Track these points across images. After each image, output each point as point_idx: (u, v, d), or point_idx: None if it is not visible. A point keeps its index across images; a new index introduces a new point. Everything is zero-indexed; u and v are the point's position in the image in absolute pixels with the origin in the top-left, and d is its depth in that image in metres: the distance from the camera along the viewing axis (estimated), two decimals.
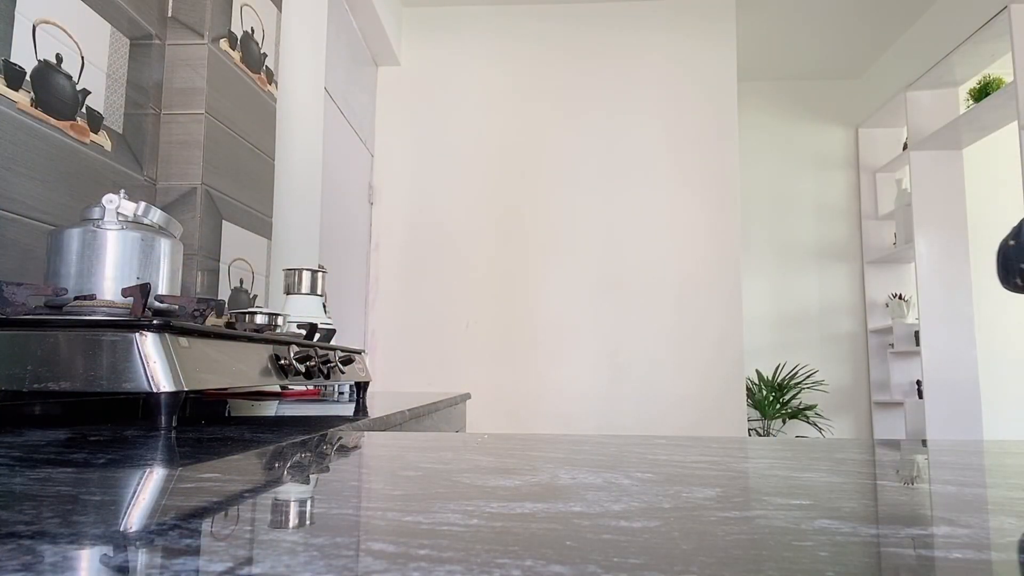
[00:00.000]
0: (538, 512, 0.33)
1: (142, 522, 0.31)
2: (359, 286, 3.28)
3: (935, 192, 3.84)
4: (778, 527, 0.31)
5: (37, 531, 0.28)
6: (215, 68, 1.49)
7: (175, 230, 0.98)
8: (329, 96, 2.59)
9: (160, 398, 0.70)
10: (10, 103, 1.01)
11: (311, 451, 0.59)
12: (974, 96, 3.57)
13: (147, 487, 0.41)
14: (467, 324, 3.39)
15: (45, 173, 1.08)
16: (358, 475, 0.50)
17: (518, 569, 0.24)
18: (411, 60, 3.56)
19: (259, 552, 0.26)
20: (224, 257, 1.56)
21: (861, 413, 4.46)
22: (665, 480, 0.45)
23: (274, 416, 1.04)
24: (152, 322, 0.71)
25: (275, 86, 1.84)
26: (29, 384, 0.69)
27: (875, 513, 0.34)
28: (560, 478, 0.44)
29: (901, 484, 0.44)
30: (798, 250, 4.57)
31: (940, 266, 3.80)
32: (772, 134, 4.62)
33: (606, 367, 3.31)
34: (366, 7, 2.94)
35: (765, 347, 4.49)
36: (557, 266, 3.31)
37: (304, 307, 1.52)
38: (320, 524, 0.31)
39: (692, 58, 3.41)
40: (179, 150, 1.43)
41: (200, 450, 0.57)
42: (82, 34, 1.18)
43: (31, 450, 0.54)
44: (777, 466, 0.52)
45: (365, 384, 1.41)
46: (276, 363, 0.97)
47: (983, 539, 0.29)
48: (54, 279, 0.86)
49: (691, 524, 0.31)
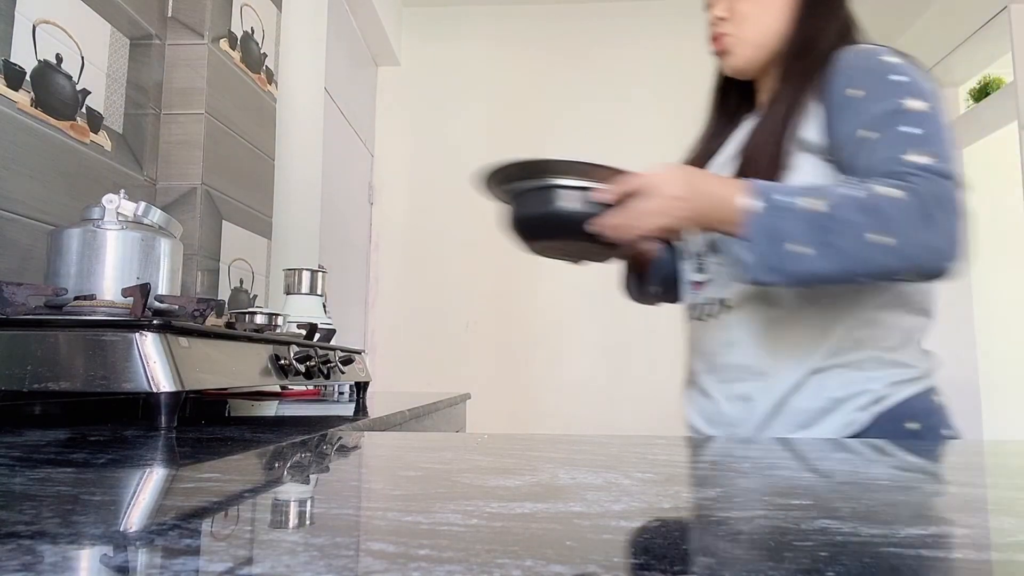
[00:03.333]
0: (538, 512, 0.33)
1: (142, 522, 0.31)
2: (359, 286, 3.28)
3: None
4: (778, 527, 0.31)
5: (37, 531, 0.28)
6: (215, 68, 1.49)
7: (175, 230, 0.98)
8: (329, 96, 2.59)
9: (160, 398, 0.70)
10: (10, 103, 1.01)
11: (311, 451, 0.59)
12: (974, 96, 3.56)
13: (147, 487, 0.41)
14: (467, 324, 3.38)
15: (45, 173, 1.08)
16: (358, 475, 0.50)
17: (518, 569, 0.24)
18: (411, 60, 3.56)
19: (259, 552, 0.26)
20: (224, 257, 1.56)
21: None
22: (665, 480, 0.45)
23: (274, 416, 1.04)
24: (152, 322, 0.71)
25: (275, 86, 1.84)
26: (29, 384, 0.69)
27: (875, 513, 0.34)
28: (560, 478, 0.44)
29: (901, 484, 0.44)
30: None
31: None
32: None
33: (606, 367, 3.31)
34: (366, 7, 2.94)
35: None
36: (557, 266, 3.31)
37: (304, 307, 1.52)
38: (320, 524, 0.31)
39: (692, 58, 3.40)
40: (179, 150, 1.43)
41: (200, 450, 0.57)
42: (82, 34, 1.18)
43: (31, 450, 0.54)
44: (777, 466, 0.52)
45: (365, 384, 1.41)
46: (276, 363, 0.97)
47: (983, 539, 0.29)
48: (54, 279, 0.86)
49: (691, 524, 0.31)
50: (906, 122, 0.77)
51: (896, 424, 0.83)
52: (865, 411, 0.83)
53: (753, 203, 0.74)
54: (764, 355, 0.87)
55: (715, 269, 0.93)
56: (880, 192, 0.73)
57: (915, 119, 0.77)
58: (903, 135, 0.77)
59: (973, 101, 3.57)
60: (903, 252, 0.71)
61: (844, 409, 0.83)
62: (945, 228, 0.72)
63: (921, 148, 0.75)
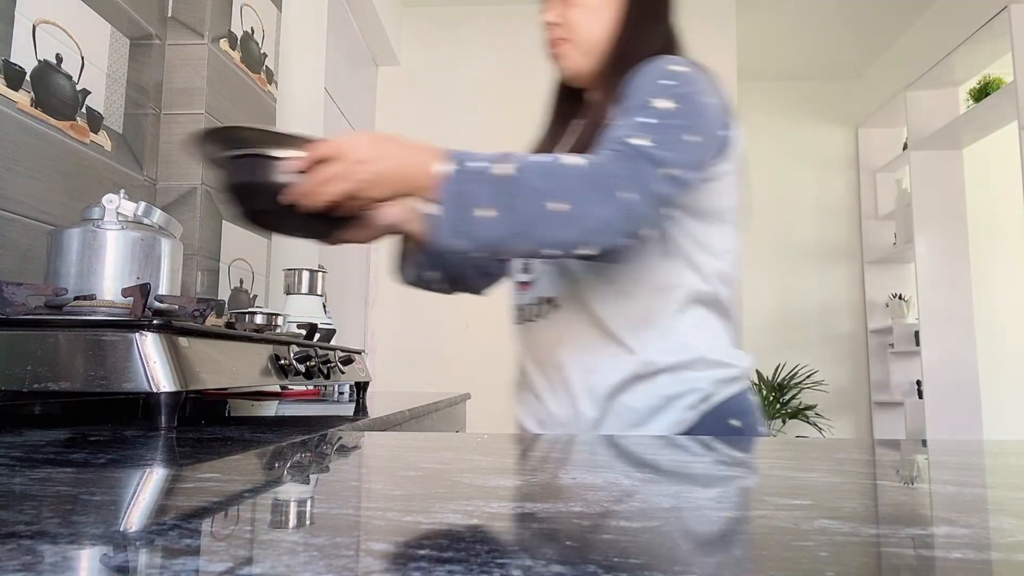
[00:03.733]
0: (538, 512, 0.33)
1: (142, 522, 0.31)
2: (359, 286, 3.28)
3: (935, 192, 3.84)
4: (778, 527, 0.31)
5: (37, 531, 0.28)
6: (215, 68, 1.49)
7: (175, 230, 0.98)
8: (329, 96, 2.59)
9: (160, 398, 0.70)
10: (10, 103, 1.01)
11: (311, 451, 0.59)
12: (974, 96, 3.56)
13: (147, 487, 0.41)
14: (467, 324, 3.38)
15: (45, 173, 1.08)
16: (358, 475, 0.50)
17: (518, 569, 0.24)
18: (411, 60, 3.56)
19: (259, 552, 0.26)
20: (224, 257, 1.56)
21: (861, 413, 4.46)
22: (665, 480, 0.45)
23: (274, 416, 1.04)
24: (152, 322, 0.71)
25: (275, 86, 1.84)
26: (29, 384, 0.69)
27: (875, 513, 0.34)
28: (560, 478, 0.44)
29: (901, 484, 0.44)
30: (798, 250, 4.57)
31: (940, 266, 3.79)
32: (772, 134, 4.62)
33: None
34: (366, 7, 2.94)
35: (765, 347, 4.49)
36: None
37: (304, 307, 1.52)
38: (320, 524, 0.31)
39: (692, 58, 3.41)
40: (179, 150, 1.43)
41: (200, 450, 0.57)
42: (82, 34, 1.18)
43: (31, 450, 0.54)
44: (777, 466, 0.52)
45: (365, 384, 1.41)
46: (276, 363, 0.97)
47: (983, 539, 0.29)
48: (54, 279, 0.86)
49: (691, 524, 0.31)
50: (646, 115, 0.78)
51: (721, 422, 0.85)
52: (694, 409, 0.84)
53: (446, 168, 0.73)
54: (591, 354, 0.87)
55: (540, 268, 0.93)
56: (565, 160, 0.73)
57: (656, 113, 0.78)
58: (635, 123, 0.77)
59: (973, 101, 3.56)
60: (576, 220, 0.71)
61: (675, 407, 0.84)
62: (623, 202, 0.72)
63: (644, 134, 0.75)
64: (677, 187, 0.76)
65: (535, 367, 0.94)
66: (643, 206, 0.73)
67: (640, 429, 0.85)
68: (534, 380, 0.94)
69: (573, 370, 0.88)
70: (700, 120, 0.80)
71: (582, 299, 0.88)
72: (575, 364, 0.88)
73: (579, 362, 0.88)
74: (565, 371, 0.89)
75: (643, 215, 0.74)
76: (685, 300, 0.86)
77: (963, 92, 3.78)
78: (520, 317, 0.98)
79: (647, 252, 0.86)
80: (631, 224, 0.73)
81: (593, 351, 0.87)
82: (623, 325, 0.86)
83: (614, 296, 0.86)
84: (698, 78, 0.83)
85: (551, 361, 0.91)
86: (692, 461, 0.54)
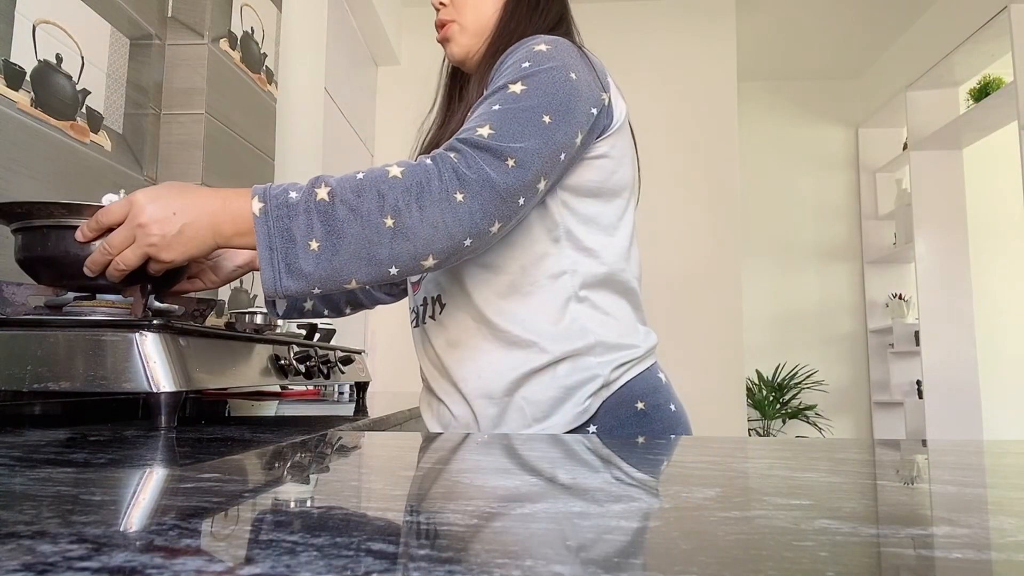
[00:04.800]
0: (538, 512, 0.33)
1: (142, 522, 0.31)
2: None
3: (935, 192, 3.84)
4: (778, 527, 0.31)
5: (37, 531, 0.28)
6: (215, 68, 1.49)
7: None
8: (329, 96, 2.59)
9: (160, 398, 0.70)
10: (10, 103, 1.01)
11: (311, 451, 0.59)
12: (974, 96, 3.56)
13: (147, 487, 0.41)
14: None
15: (45, 173, 1.08)
16: (358, 475, 0.50)
17: (518, 569, 0.24)
18: (411, 60, 3.56)
19: (259, 552, 0.26)
20: None
21: (861, 413, 4.46)
22: (665, 480, 0.45)
23: (274, 416, 1.04)
24: (152, 322, 0.71)
25: (275, 86, 1.84)
26: (29, 384, 0.69)
27: (875, 513, 0.34)
28: (560, 478, 0.44)
29: (901, 484, 0.44)
30: (798, 250, 4.57)
31: (940, 266, 3.80)
32: (772, 134, 4.62)
33: None
34: (366, 7, 2.94)
35: (765, 347, 4.49)
36: None
37: None
38: (320, 524, 0.31)
39: (692, 58, 3.41)
40: (179, 150, 1.43)
41: (200, 450, 0.57)
42: (82, 34, 1.18)
43: (31, 450, 0.54)
44: (777, 466, 0.52)
45: (365, 384, 1.41)
46: (276, 363, 0.97)
47: (983, 539, 0.29)
48: None
49: (691, 524, 0.31)
50: (497, 101, 0.74)
51: (625, 407, 0.83)
52: (596, 396, 0.82)
53: (254, 207, 0.67)
54: (483, 354, 0.84)
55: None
56: (377, 173, 0.69)
57: (505, 99, 0.74)
58: (482, 113, 0.73)
59: (973, 101, 3.56)
60: (404, 232, 0.66)
61: (576, 397, 0.81)
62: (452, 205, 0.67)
63: (487, 123, 0.71)
64: (526, 174, 0.71)
65: (433, 370, 0.91)
66: (479, 202, 0.68)
67: (544, 422, 0.82)
68: (433, 384, 0.91)
69: (464, 373, 0.85)
70: (552, 100, 0.74)
71: (469, 296, 0.84)
72: (465, 368, 0.85)
73: (469, 366, 0.84)
74: (455, 375, 0.85)
75: (483, 211, 0.69)
76: (580, 285, 0.83)
77: (963, 92, 3.79)
78: (414, 319, 0.94)
79: (533, 240, 0.82)
80: (468, 224, 0.68)
81: (485, 352, 0.83)
82: (514, 319, 0.82)
83: (504, 289, 0.83)
84: (557, 55, 0.78)
85: (443, 365, 0.87)
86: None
